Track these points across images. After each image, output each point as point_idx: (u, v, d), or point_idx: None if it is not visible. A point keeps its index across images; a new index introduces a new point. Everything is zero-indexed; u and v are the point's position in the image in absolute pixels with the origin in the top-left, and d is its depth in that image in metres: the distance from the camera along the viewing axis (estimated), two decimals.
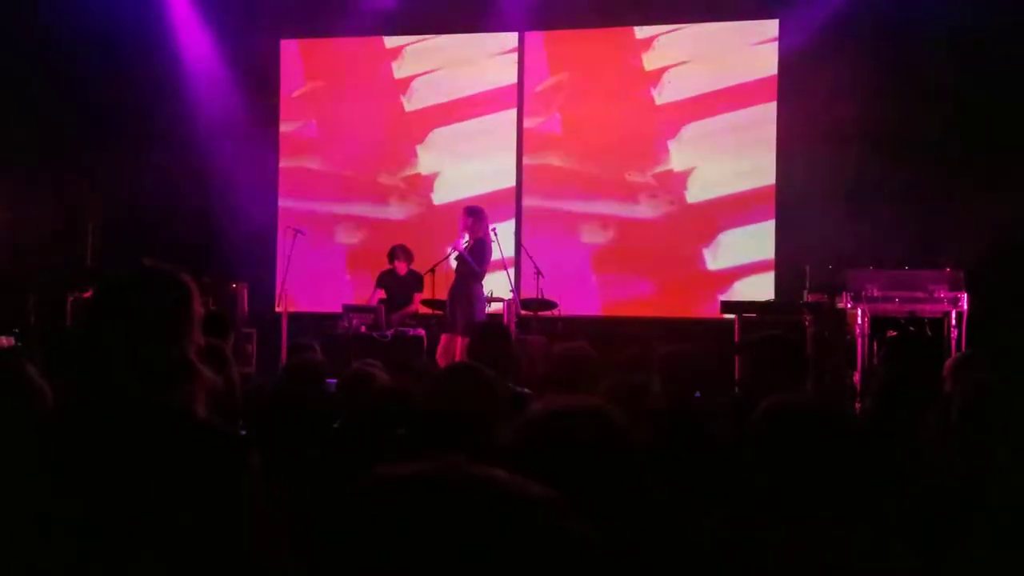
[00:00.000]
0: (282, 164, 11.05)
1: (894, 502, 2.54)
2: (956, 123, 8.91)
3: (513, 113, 10.61)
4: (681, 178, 10.23)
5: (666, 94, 10.27)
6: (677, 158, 10.24)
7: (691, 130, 10.21)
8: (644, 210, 10.30)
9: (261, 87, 10.93)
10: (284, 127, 11.07)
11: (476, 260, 8.42)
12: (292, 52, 11.12)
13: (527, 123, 10.59)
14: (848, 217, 8.90)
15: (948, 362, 4.47)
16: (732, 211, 10.06)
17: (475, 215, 8.57)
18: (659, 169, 10.27)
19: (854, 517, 1.91)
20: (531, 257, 9.33)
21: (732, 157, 10.07)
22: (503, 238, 9.09)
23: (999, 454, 2.51)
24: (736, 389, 7.54)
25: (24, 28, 10.26)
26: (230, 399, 3.32)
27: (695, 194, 10.19)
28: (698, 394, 4.27)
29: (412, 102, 10.82)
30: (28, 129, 10.34)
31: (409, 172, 10.77)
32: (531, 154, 10.56)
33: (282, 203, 11.00)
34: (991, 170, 8.62)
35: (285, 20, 10.77)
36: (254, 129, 10.82)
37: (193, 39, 10.86)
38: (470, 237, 8.51)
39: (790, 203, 9.69)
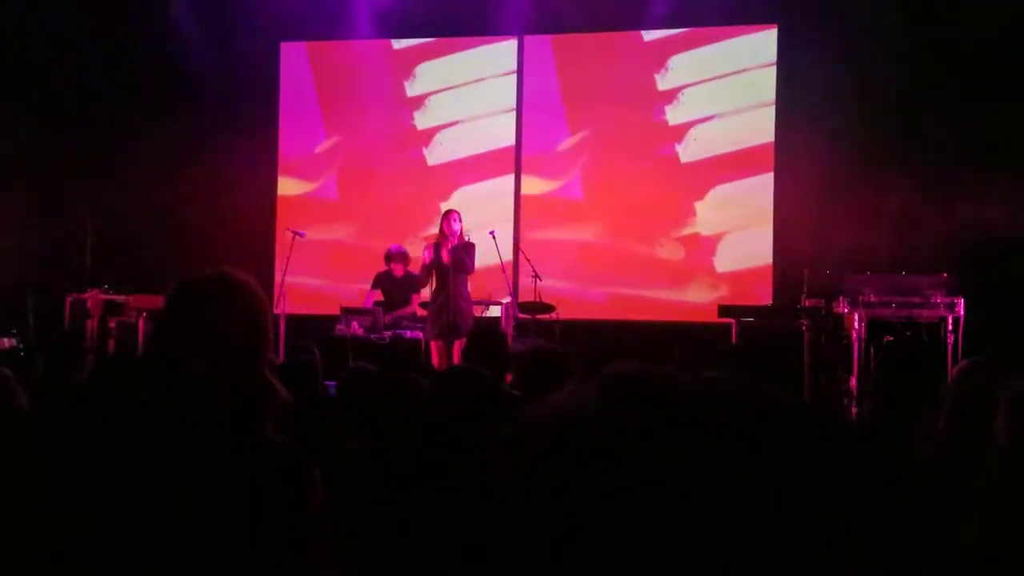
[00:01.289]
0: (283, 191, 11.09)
1: (890, 506, 2.55)
2: (954, 129, 8.94)
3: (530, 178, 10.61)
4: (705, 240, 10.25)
5: (691, 151, 10.22)
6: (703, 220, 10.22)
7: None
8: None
9: (261, 89, 10.95)
10: (305, 187, 11.06)
11: (470, 259, 8.40)
12: (297, 64, 11.14)
13: (547, 187, 10.55)
14: (845, 221, 8.93)
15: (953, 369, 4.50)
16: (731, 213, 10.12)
17: (460, 219, 8.50)
18: (686, 231, 10.25)
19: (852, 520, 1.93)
20: (529, 260, 9.35)
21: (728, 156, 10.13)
22: (502, 245, 9.10)
23: (985, 458, 2.54)
24: None
25: (23, 34, 10.28)
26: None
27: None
28: None
29: (434, 156, 10.79)
30: (27, 134, 10.36)
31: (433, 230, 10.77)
32: (549, 228, 10.49)
33: (280, 206, 11.03)
34: (988, 176, 8.65)
35: (285, 23, 10.79)
36: (254, 130, 10.83)
37: (192, 40, 10.88)
38: (458, 239, 8.44)
39: (788, 207, 9.73)
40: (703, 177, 10.15)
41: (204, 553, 1.59)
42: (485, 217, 9.81)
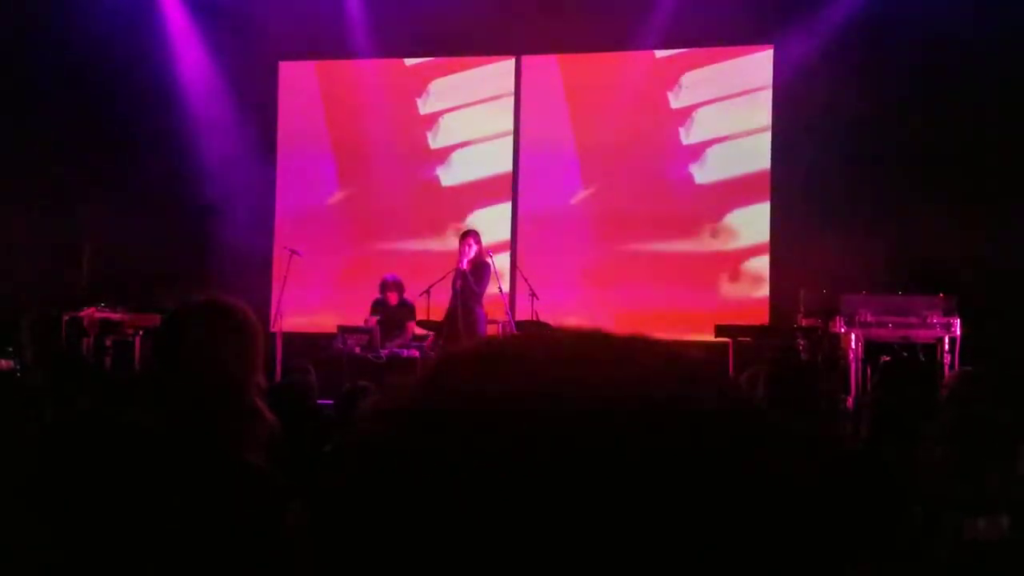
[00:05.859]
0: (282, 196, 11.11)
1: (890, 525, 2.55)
2: (951, 149, 8.97)
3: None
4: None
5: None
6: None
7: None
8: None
9: (260, 107, 10.96)
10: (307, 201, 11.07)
11: (477, 281, 8.47)
12: (303, 84, 11.18)
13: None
14: (843, 241, 8.94)
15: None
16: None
17: (477, 241, 8.58)
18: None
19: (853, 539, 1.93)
20: (526, 279, 9.35)
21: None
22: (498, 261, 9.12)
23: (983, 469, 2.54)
24: None
25: (22, 49, 10.29)
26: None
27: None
28: None
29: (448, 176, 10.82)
30: (24, 149, 10.35)
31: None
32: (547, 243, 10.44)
33: (278, 222, 11.04)
34: (985, 196, 8.67)
35: (283, 41, 10.81)
36: (251, 148, 10.84)
37: (191, 58, 10.92)
38: (470, 260, 8.54)
39: (785, 226, 9.74)
40: (714, 200, 10.24)
41: (180, 572, 1.60)
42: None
